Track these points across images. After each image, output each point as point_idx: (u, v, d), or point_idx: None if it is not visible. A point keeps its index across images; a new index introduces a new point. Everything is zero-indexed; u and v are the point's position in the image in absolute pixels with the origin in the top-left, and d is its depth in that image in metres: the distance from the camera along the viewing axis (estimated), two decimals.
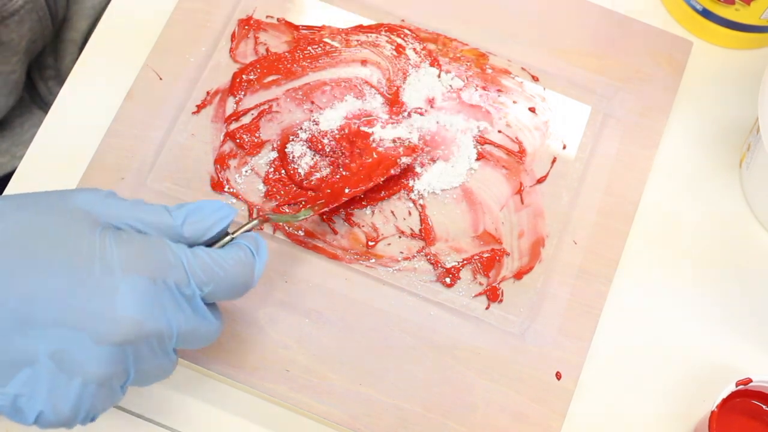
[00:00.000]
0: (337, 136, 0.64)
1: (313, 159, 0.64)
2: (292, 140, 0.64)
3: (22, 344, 0.45)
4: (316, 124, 0.65)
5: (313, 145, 0.64)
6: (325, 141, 0.64)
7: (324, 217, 0.63)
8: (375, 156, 0.63)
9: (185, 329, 0.48)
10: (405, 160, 0.63)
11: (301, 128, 0.65)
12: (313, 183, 0.63)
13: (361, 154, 0.63)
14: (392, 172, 0.62)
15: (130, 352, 0.47)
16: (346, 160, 0.63)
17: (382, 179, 0.62)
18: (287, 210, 0.63)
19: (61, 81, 0.67)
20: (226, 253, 0.50)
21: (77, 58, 0.68)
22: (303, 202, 0.63)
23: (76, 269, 0.46)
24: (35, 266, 0.45)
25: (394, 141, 0.64)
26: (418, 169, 0.64)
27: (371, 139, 0.64)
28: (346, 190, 0.61)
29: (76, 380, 0.45)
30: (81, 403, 0.46)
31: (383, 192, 0.63)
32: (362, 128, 0.64)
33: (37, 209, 0.47)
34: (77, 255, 0.46)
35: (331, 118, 0.65)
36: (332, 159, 0.64)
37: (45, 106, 0.81)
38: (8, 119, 0.79)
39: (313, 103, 0.66)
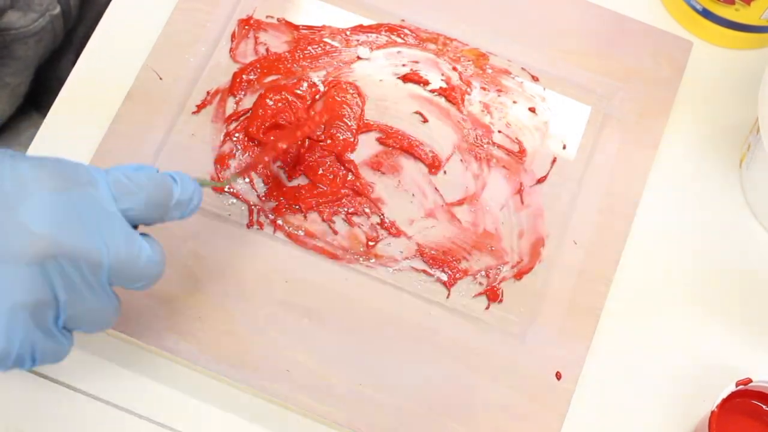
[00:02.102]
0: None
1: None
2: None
3: None
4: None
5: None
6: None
7: (324, 217, 0.63)
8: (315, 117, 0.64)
9: (117, 256, 0.46)
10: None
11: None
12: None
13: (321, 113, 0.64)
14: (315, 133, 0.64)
15: (54, 274, 0.44)
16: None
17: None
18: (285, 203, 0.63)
19: (59, 81, 0.67)
20: (140, 173, 0.49)
21: (76, 59, 0.68)
22: (299, 207, 0.63)
23: None
24: None
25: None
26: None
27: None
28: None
29: (1, 308, 0.43)
30: (12, 333, 0.44)
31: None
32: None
33: None
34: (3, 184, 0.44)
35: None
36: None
37: (41, 107, 0.81)
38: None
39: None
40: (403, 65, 0.67)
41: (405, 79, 0.67)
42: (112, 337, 0.61)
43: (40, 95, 0.81)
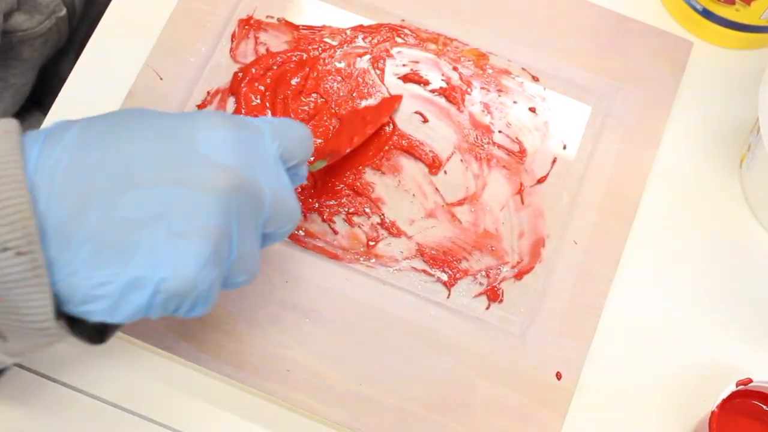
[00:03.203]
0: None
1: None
2: None
3: (128, 211, 0.42)
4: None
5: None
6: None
7: (324, 217, 0.63)
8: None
9: (276, 194, 0.46)
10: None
11: None
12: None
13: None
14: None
15: (234, 209, 0.44)
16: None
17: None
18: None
19: (60, 81, 0.67)
20: (286, 120, 0.50)
21: (77, 59, 0.68)
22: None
23: (166, 131, 0.44)
24: (125, 134, 0.44)
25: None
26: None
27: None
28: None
29: (190, 238, 0.42)
30: (201, 261, 0.43)
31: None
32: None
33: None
34: (165, 120, 0.45)
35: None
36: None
37: (44, 105, 0.81)
38: None
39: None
40: (404, 65, 0.67)
41: (405, 79, 0.67)
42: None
43: (42, 94, 0.81)
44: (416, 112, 0.66)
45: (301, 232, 0.63)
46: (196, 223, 0.43)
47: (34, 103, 0.82)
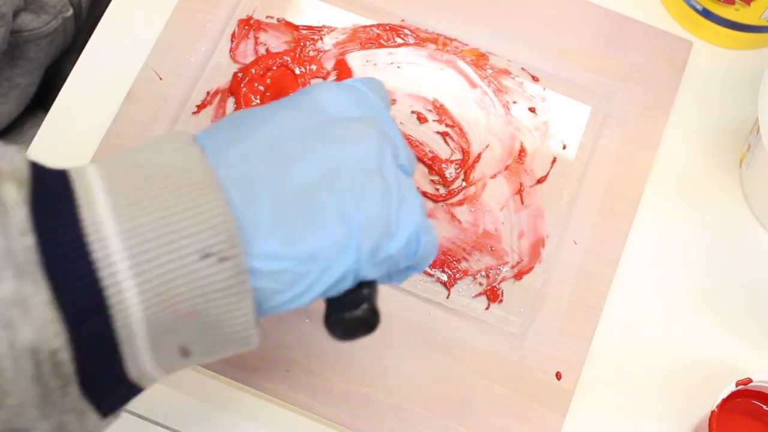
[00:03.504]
0: None
1: None
2: None
3: (298, 182, 0.41)
4: None
5: None
6: None
7: None
8: None
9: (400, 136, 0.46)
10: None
11: None
12: None
13: None
14: None
15: (384, 150, 0.44)
16: None
17: None
18: None
19: (64, 81, 0.68)
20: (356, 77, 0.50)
21: (77, 59, 0.68)
22: None
23: (289, 111, 0.44)
24: (253, 125, 0.43)
25: None
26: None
27: None
28: None
29: (374, 181, 0.42)
30: (393, 203, 0.43)
31: None
32: None
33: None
34: (283, 101, 0.45)
35: None
36: None
37: (47, 105, 0.81)
38: None
39: None
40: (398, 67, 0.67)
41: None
42: None
43: (45, 94, 0.81)
44: (413, 112, 0.66)
45: None
46: (367, 169, 0.42)
47: (39, 104, 0.82)
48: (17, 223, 0.36)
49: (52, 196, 0.38)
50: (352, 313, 0.44)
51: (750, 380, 0.57)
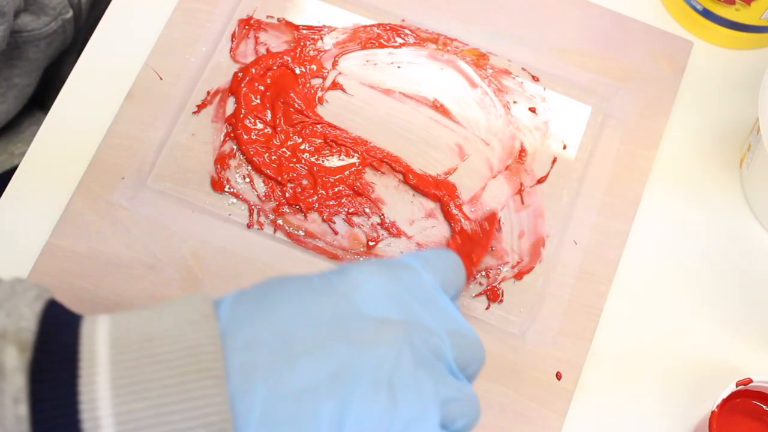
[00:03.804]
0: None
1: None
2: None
3: (299, 381, 0.38)
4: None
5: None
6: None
7: (324, 217, 0.63)
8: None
9: (451, 329, 0.43)
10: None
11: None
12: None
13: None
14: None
15: (414, 354, 0.41)
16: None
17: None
18: (287, 210, 0.63)
19: (62, 81, 0.68)
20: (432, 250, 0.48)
21: (77, 59, 0.68)
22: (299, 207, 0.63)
23: (320, 291, 0.42)
24: (275, 302, 0.41)
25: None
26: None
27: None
28: None
29: (392, 391, 0.40)
30: (418, 413, 0.40)
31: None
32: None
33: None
34: (313, 284, 0.43)
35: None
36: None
37: (45, 105, 0.81)
38: None
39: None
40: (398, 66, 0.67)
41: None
42: None
43: (43, 94, 0.81)
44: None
45: (301, 232, 0.63)
46: (375, 380, 0.39)
47: (37, 104, 0.82)
48: (13, 391, 0.35)
49: (53, 362, 0.37)
50: None
51: (750, 380, 0.57)
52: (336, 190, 0.63)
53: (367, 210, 0.63)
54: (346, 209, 0.63)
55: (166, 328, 0.38)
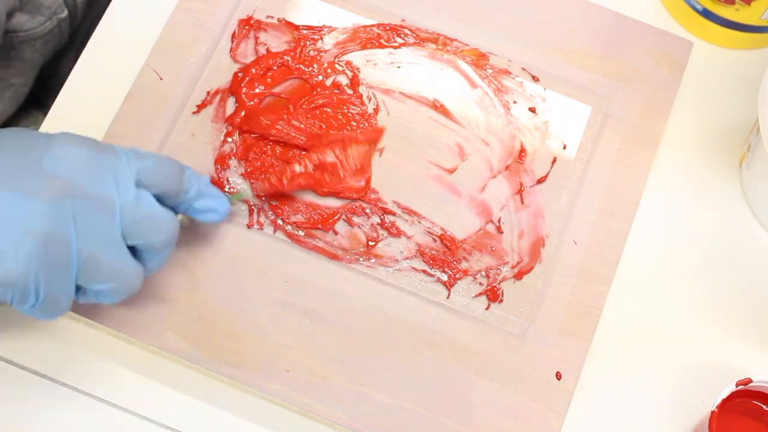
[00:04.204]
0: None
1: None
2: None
3: None
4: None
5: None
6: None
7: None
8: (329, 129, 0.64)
9: (131, 207, 0.51)
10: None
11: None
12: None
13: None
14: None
15: (68, 214, 0.49)
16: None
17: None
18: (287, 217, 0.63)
19: (60, 80, 0.68)
20: (154, 154, 0.55)
21: (77, 58, 0.68)
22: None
23: (18, 148, 0.50)
24: None
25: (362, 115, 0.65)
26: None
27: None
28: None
29: (15, 235, 0.48)
30: (28, 260, 0.48)
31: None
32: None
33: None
34: (18, 139, 0.51)
35: None
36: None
37: (42, 104, 0.81)
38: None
39: None
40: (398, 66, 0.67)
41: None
42: (112, 337, 0.61)
43: (41, 93, 0.81)
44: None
45: (301, 232, 0.63)
46: (21, 224, 0.48)
47: (33, 103, 0.82)
48: None
49: None
50: None
51: (750, 380, 0.57)
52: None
53: (367, 210, 0.63)
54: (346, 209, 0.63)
55: None
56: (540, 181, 0.65)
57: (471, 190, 0.64)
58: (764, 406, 0.59)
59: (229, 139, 0.64)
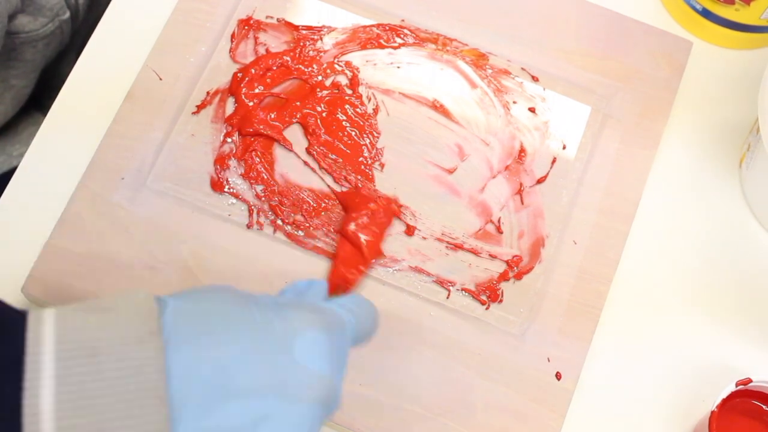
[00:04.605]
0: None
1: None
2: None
3: (223, 420, 0.40)
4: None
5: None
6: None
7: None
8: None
9: (340, 382, 0.46)
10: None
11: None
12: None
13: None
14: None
15: (324, 413, 0.44)
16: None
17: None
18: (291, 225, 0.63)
19: (60, 81, 0.68)
20: (354, 298, 0.49)
21: (77, 59, 0.68)
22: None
23: (259, 336, 0.42)
24: (220, 332, 0.42)
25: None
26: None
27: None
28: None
29: None
30: None
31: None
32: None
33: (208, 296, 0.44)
34: (255, 322, 0.43)
35: None
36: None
37: (42, 105, 0.81)
38: None
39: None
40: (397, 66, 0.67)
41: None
42: None
43: (41, 94, 0.81)
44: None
45: (300, 232, 0.63)
46: (292, 428, 0.42)
47: (35, 104, 0.82)
48: None
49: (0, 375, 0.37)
50: None
51: (750, 380, 0.57)
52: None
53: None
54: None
55: (112, 342, 0.39)
56: (540, 181, 0.65)
57: (471, 190, 0.64)
58: (764, 406, 0.59)
59: (229, 140, 0.64)
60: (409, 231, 0.63)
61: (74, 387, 0.37)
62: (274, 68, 0.66)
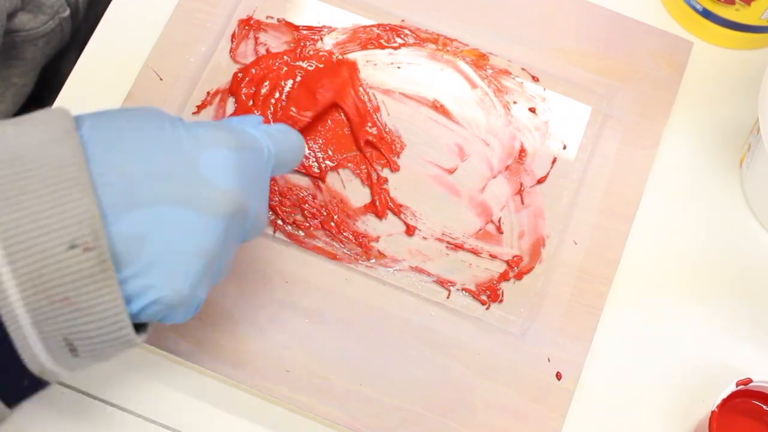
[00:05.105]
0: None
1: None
2: None
3: (131, 227, 0.43)
4: None
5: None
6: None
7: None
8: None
9: (259, 210, 0.49)
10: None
11: None
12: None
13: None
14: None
15: (231, 229, 0.46)
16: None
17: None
18: (288, 225, 0.63)
19: (61, 80, 0.68)
20: (281, 128, 0.52)
21: (78, 59, 0.68)
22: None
23: (167, 149, 0.45)
24: (132, 144, 0.45)
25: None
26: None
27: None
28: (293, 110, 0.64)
29: (188, 257, 0.45)
30: (197, 279, 0.45)
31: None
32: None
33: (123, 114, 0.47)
34: (164, 137, 0.46)
35: None
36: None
37: (43, 103, 0.81)
38: None
39: None
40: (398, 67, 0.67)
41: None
42: None
43: (41, 92, 0.81)
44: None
45: (301, 232, 0.63)
46: (194, 243, 0.45)
47: (35, 103, 0.82)
48: None
49: None
50: None
51: (750, 380, 0.57)
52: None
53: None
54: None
55: (30, 146, 0.43)
56: (540, 182, 0.65)
57: (471, 190, 0.64)
58: (764, 406, 0.59)
59: None
60: (410, 231, 0.63)
61: (5, 186, 0.41)
62: (274, 68, 0.66)
